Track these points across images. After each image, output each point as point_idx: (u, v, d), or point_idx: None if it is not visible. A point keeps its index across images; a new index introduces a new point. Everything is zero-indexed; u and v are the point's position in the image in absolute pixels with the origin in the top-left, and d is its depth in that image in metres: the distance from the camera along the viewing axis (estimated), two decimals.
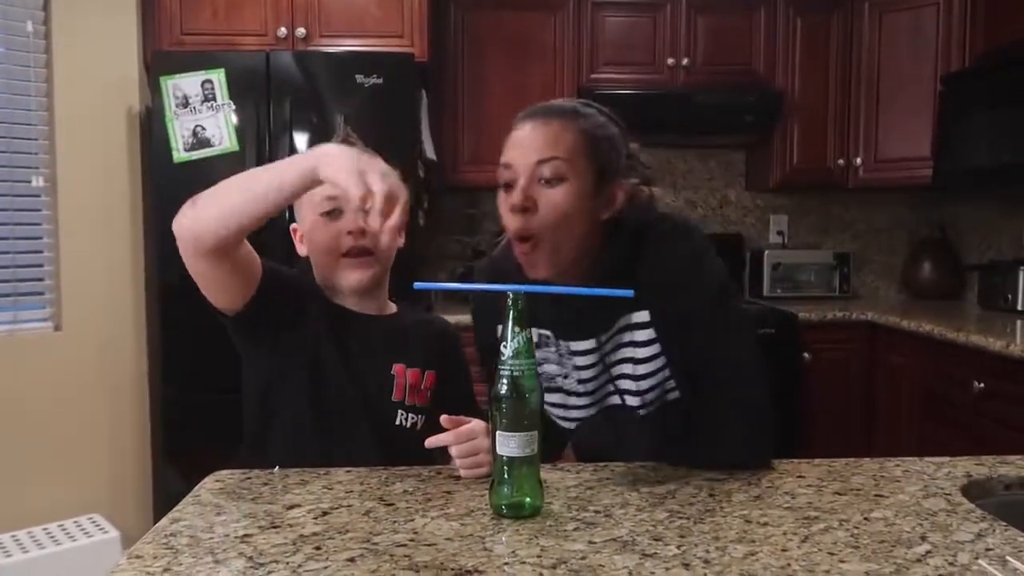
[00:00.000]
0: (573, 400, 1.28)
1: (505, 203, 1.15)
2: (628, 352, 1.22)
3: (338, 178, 0.98)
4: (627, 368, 1.22)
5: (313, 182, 1.04)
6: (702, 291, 1.17)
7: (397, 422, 1.32)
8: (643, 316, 1.20)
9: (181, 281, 2.95)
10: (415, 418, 1.33)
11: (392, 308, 1.41)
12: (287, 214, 1.41)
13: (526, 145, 1.14)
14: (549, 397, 1.30)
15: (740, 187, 3.70)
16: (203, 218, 1.11)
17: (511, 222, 1.14)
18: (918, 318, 2.83)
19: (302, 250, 1.37)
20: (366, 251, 1.29)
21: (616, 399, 1.26)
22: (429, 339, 1.41)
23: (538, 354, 1.27)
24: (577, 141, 1.14)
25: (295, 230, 1.39)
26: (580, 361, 1.23)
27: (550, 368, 1.27)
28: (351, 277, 1.30)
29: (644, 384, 1.22)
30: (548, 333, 1.25)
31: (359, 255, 1.29)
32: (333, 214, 1.29)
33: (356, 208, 0.98)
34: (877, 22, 3.27)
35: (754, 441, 1.16)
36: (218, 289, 1.21)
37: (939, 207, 3.62)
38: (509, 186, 1.14)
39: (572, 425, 1.31)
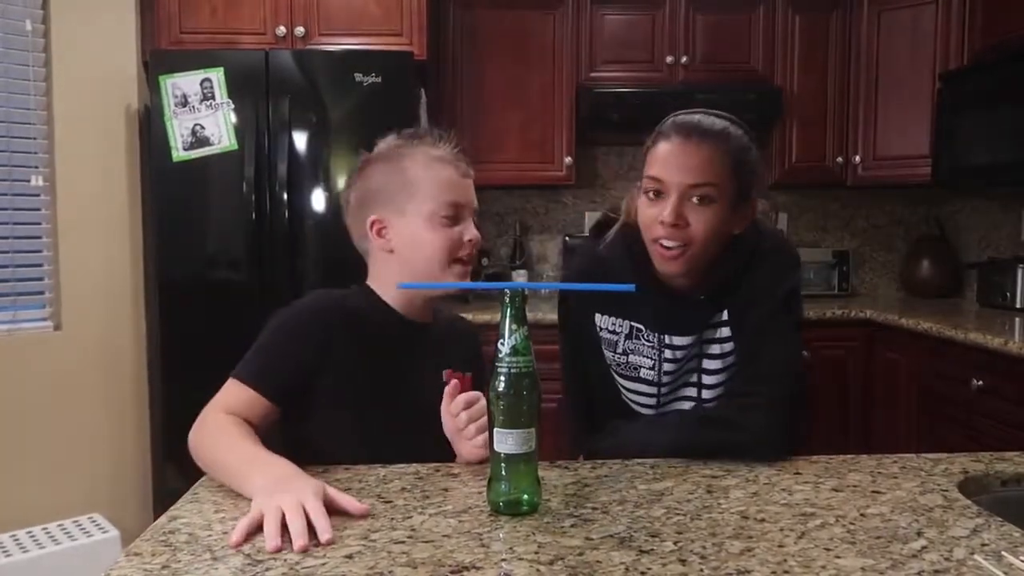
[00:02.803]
0: (646, 388, 1.36)
1: (649, 209, 1.25)
2: (710, 349, 1.32)
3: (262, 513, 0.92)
4: (707, 363, 1.33)
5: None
6: (770, 295, 1.27)
7: None
8: (725, 314, 1.31)
9: (181, 280, 2.96)
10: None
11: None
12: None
13: (678, 165, 1.22)
14: (628, 385, 1.38)
15: None
16: (197, 456, 1.17)
17: (658, 231, 1.24)
18: (917, 316, 2.84)
19: (383, 246, 1.27)
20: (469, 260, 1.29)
21: (690, 391, 1.35)
22: (462, 339, 1.40)
23: (628, 345, 1.36)
24: (726, 165, 1.23)
25: (380, 222, 1.27)
26: (676, 355, 1.32)
27: (637, 359, 1.35)
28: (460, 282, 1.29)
29: (718, 379, 1.33)
30: (641, 327, 1.34)
31: (467, 263, 1.28)
32: (453, 219, 1.26)
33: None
34: (876, 20, 3.27)
35: (772, 438, 1.20)
36: None
37: (938, 205, 3.63)
38: (657, 194, 1.23)
39: (645, 411, 1.39)
